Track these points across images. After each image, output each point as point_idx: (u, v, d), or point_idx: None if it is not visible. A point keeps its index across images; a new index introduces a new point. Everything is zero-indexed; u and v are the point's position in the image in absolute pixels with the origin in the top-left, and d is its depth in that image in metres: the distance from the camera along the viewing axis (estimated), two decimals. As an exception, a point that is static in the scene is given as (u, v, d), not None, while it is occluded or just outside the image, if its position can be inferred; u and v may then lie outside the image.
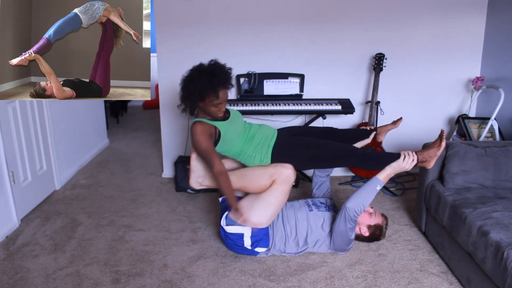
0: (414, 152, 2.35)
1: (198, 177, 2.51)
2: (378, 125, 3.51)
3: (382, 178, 2.35)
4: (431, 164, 2.36)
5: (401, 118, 2.68)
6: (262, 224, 2.38)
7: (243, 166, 2.52)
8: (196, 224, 2.87)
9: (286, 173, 2.33)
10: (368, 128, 2.70)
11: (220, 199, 2.62)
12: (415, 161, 2.34)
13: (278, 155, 2.38)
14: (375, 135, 2.69)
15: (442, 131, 2.33)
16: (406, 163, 2.32)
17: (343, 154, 2.40)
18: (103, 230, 2.78)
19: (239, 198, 2.50)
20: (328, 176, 2.84)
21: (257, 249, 2.42)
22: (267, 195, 2.33)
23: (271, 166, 2.37)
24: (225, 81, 2.21)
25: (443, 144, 2.31)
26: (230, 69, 2.25)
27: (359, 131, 2.72)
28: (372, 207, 2.55)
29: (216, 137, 2.30)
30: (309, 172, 3.59)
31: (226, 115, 2.39)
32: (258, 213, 2.34)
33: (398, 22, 3.47)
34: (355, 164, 2.44)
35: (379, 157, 2.42)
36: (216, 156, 2.24)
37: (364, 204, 2.31)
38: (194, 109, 2.32)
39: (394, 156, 2.35)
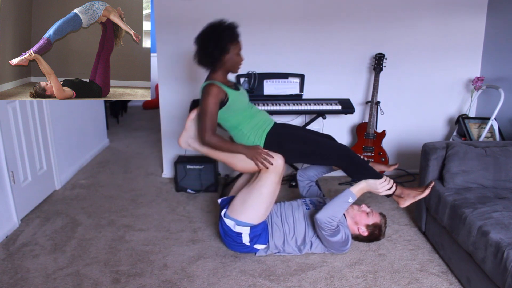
0: (395, 184, 2.39)
1: (189, 137, 2.52)
2: (377, 127, 3.52)
3: (355, 191, 2.35)
4: (404, 204, 2.38)
5: (397, 163, 2.70)
6: (260, 218, 2.38)
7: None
8: (196, 224, 2.87)
9: (275, 163, 2.34)
10: (362, 156, 2.68)
11: (219, 200, 2.63)
12: (391, 191, 2.37)
13: (271, 142, 2.39)
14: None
15: (431, 182, 2.37)
16: (382, 186, 2.36)
17: (332, 153, 2.40)
18: (103, 230, 2.78)
19: (232, 198, 2.51)
20: (313, 181, 2.86)
21: (256, 246, 2.42)
22: (259, 187, 2.34)
23: None
24: (236, 29, 2.34)
25: (426, 192, 2.35)
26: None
27: None
28: (369, 207, 2.55)
29: (224, 103, 2.32)
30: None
31: (238, 87, 2.46)
32: (254, 206, 2.35)
33: (398, 22, 3.47)
34: (340, 165, 2.44)
35: (364, 167, 2.41)
36: (213, 125, 2.30)
37: (336, 215, 2.28)
38: (214, 65, 2.34)
39: (377, 175, 2.37)
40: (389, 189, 2.36)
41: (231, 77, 3.49)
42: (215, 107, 2.28)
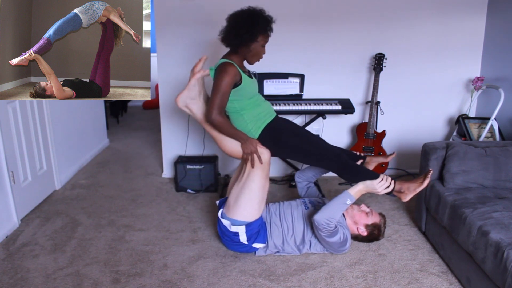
0: (393, 180, 2.38)
1: (189, 97, 2.44)
2: (377, 127, 3.52)
3: (353, 193, 2.35)
4: (407, 198, 2.38)
5: (394, 153, 2.68)
6: (254, 215, 2.38)
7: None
8: (196, 224, 2.87)
9: (262, 157, 2.35)
10: (358, 153, 2.69)
11: (217, 202, 2.63)
12: (390, 189, 2.37)
13: (267, 135, 2.39)
14: (362, 163, 2.65)
15: (430, 170, 2.36)
16: (380, 186, 2.35)
17: (327, 156, 2.41)
18: (103, 230, 2.78)
19: (226, 199, 2.52)
20: (311, 182, 2.86)
21: (255, 245, 2.42)
22: (248, 183, 2.35)
23: None
24: (272, 23, 2.33)
25: (426, 182, 2.34)
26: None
27: (347, 153, 2.70)
28: (368, 206, 2.55)
29: (236, 85, 2.30)
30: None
31: (251, 75, 2.45)
32: (246, 203, 2.35)
33: (398, 22, 3.47)
34: (333, 169, 2.45)
35: (358, 172, 2.42)
36: (222, 104, 2.25)
37: (334, 217, 2.28)
38: (237, 48, 2.32)
39: (372, 176, 2.37)
40: (388, 187, 2.36)
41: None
42: (229, 87, 2.25)
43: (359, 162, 2.63)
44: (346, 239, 2.38)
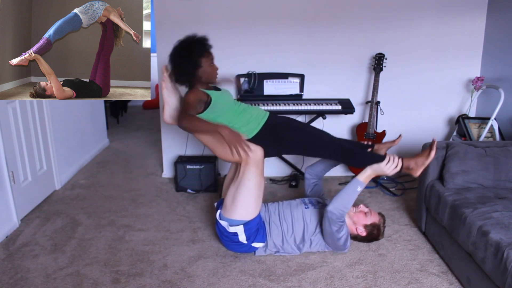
0: (400, 158, 2.36)
1: (172, 109, 2.44)
2: (377, 127, 3.52)
3: (362, 179, 2.34)
4: (417, 173, 2.36)
5: (400, 135, 2.67)
6: (252, 213, 2.38)
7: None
8: (196, 224, 2.87)
9: (254, 155, 2.34)
10: (365, 142, 2.68)
11: (216, 204, 2.63)
12: (398, 168, 2.35)
13: (264, 135, 2.38)
14: (371, 151, 2.65)
15: (434, 140, 2.34)
16: (388, 167, 2.34)
17: (329, 145, 2.41)
18: (103, 230, 2.78)
19: (222, 200, 2.52)
20: (320, 179, 2.85)
21: (254, 244, 2.41)
22: (244, 181, 2.35)
23: None
24: (206, 42, 2.38)
25: (432, 154, 2.33)
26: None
27: (355, 143, 2.69)
28: (367, 206, 2.55)
29: (206, 104, 2.32)
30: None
31: (218, 88, 2.46)
32: (243, 201, 2.35)
33: (398, 22, 3.47)
34: (338, 157, 2.44)
35: (363, 157, 2.42)
36: (192, 110, 2.25)
37: (346, 206, 2.28)
38: (191, 82, 2.35)
39: (379, 158, 2.36)
40: (396, 167, 2.34)
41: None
42: (194, 101, 2.26)
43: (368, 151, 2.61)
44: (348, 236, 2.41)
